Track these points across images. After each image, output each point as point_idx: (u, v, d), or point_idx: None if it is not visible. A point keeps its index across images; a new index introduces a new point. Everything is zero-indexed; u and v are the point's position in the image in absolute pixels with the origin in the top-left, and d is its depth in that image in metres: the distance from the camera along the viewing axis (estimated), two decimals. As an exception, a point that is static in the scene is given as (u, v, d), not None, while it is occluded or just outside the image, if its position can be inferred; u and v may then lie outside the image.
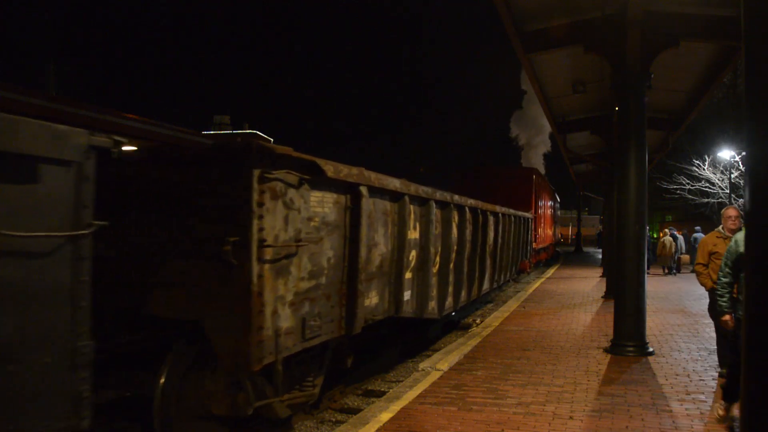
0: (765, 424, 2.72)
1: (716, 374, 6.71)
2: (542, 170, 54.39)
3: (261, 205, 4.07)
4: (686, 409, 5.43)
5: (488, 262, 11.48)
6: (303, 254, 4.56)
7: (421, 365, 7.11)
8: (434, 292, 7.90)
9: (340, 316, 5.22)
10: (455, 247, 8.74)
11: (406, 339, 9.41)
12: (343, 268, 5.25)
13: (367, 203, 5.48)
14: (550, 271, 23.23)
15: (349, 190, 5.32)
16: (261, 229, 4.06)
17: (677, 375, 6.67)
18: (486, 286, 11.52)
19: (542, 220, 25.80)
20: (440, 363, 7.10)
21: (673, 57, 8.98)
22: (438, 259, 7.98)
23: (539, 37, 9.06)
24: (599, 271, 21.25)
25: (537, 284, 17.34)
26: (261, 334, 4.08)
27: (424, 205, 7.25)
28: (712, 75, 10.97)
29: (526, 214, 18.08)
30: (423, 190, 7.17)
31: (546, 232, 27.96)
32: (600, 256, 27.58)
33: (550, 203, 31.04)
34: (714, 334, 9.14)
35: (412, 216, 6.85)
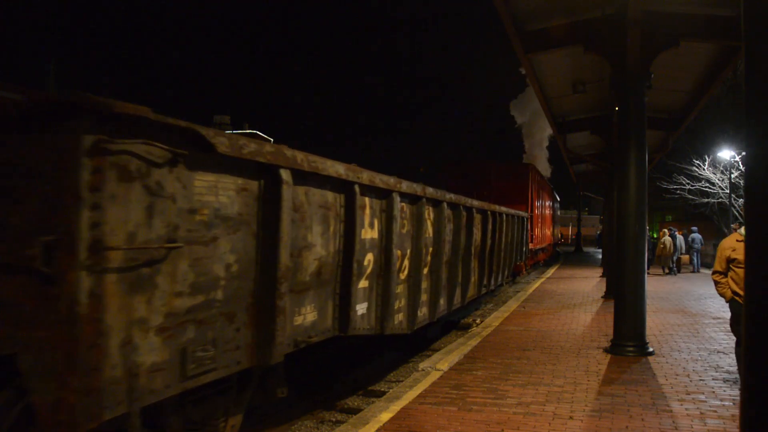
0: (765, 424, 2.72)
1: (716, 374, 6.71)
2: (545, 165, 54.35)
3: (97, 189, 2.89)
4: (686, 409, 5.43)
5: (474, 265, 10.41)
6: (180, 260, 3.35)
7: (421, 365, 7.11)
8: (402, 303, 6.82)
9: (250, 342, 4.03)
10: (431, 249, 7.66)
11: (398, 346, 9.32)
12: (255, 278, 4.03)
13: (292, 192, 4.28)
14: (550, 271, 23.22)
15: (263, 174, 4.09)
16: (96, 225, 2.89)
17: (677, 375, 6.67)
18: (472, 292, 10.38)
19: (540, 220, 24.25)
20: (440, 363, 7.10)
21: (673, 57, 8.99)
22: (407, 263, 6.89)
23: (539, 37, 9.06)
24: (599, 271, 21.26)
25: (537, 284, 17.34)
26: (97, 377, 2.88)
27: (385, 198, 6.12)
28: (712, 75, 10.97)
29: (522, 213, 16.69)
30: (382, 180, 5.92)
31: (544, 232, 26.46)
32: (600, 256, 27.60)
33: (548, 202, 29.66)
34: (714, 334, 9.16)
35: (368, 211, 5.71)
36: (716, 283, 5.94)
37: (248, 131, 63.12)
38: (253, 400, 4.47)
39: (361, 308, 5.72)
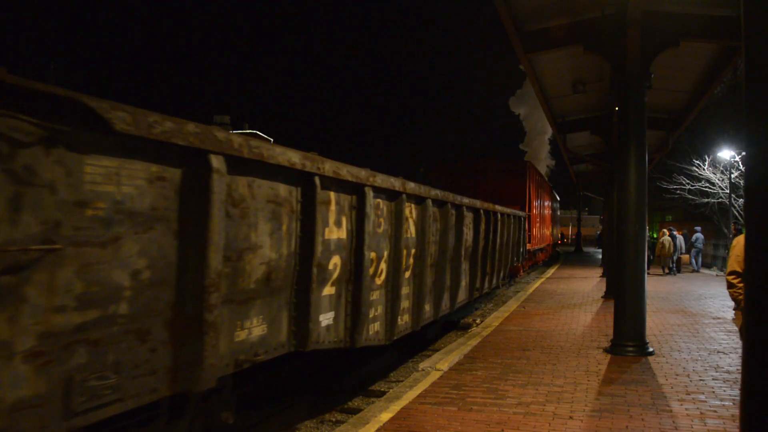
0: (765, 424, 2.72)
1: (716, 374, 6.71)
2: (546, 156, 54.23)
3: None
4: (686, 409, 5.43)
5: (466, 267, 9.78)
6: (61, 265, 2.70)
7: (421, 365, 7.11)
8: (378, 311, 6.14)
9: (171, 364, 3.33)
10: (413, 251, 6.98)
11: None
12: (177, 287, 3.33)
13: (226, 183, 3.60)
14: (550, 271, 23.22)
15: (188, 160, 3.37)
16: None
17: (677, 375, 6.67)
18: (463, 296, 9.74)
19: (538, 219, 23.52)
20: (440, 363, 7.10)
21: (673, 57, 8.99)
22: (384, 266, 6.21)
23: (539, 37, 9.06)
24: (599, 271, 21.26)
25: (537, 284, 17.34)
26: None
27: (355, 194, 5.43)
28: (712, 75, 10.97)
29: (519, 212, 15.93)
30: (350, 172, 5.14)
31: (543, 232, 25.71)
32: (600, 256, 27.59)
33: (547, 201, 28.94)
34: (714, 334, 9.16)
35: (334, 207, 5.04)
36: (731, 285, 4.96)
37: (248, 131, 63.15)
38: (193, 428, 3.87)
39: (325, 318, 4.99)
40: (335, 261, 5.12)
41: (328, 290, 5.08)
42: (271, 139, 50.92)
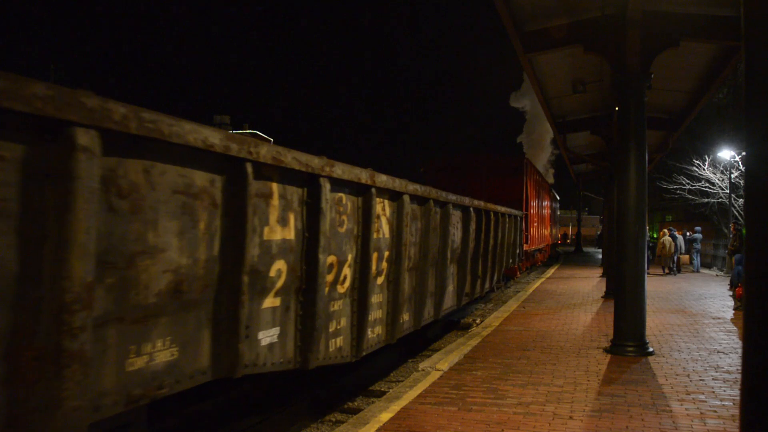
0: (765, 424, 2.72)
1: (716, 374, 6.71)
2: (548, 149, 53.99)
3: None
4: (686, 409, 5.43)
5: (453, 271, 8.95)
6: None
7: (421, 365, 7.11)
8: (341, 324, 5.28)
9: (21, 410, 2.51)
10: (387, 254, 6.13)
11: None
12: (22, 305, 2.51)
13: (102, 167, 2.76)
14: (550, 271, 23.22)
15: (40, 134, 2.54)
16: None
17: (677, 375, 6.67)
18: (450, 303, 8.89)
19: (536, 219, 22.57)
20: (440, 363, 7.10)
21: (673, 57, 8.99)
22: (348, 271, 5.33)
23: (539, 37, 9.06)
24: (599, 271, 21.27)
25: (537, 284, 17.34)
26: None
27: (307, 186, 4.54)
28: (712, 75, 10.98)
29: (515, 211, 14.97)
30: (297, 159, 4.22)
31: (541, 232, 24.69)
32: (600, 256, 27.60)
33: (546, 199, 27.97)
34: (714, 334, 9.16)
35: (276, 202, 4.17)
36: None
37: (248, 131, 63.17)
38: None
39: (267, 336, 4.15)
40: (279, 267, 4.19)
41: (271, 302, 4.16)
42: (271, 139, 50.94)
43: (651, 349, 7.80)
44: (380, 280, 6.09)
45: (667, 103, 13.51)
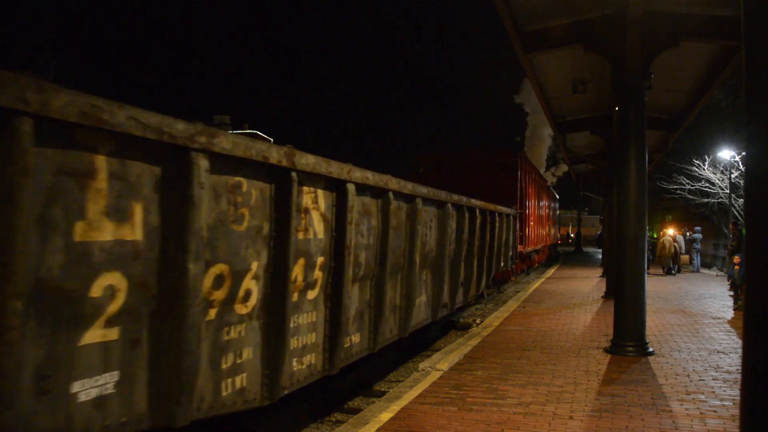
0: (765, 424, 2.72)
1: (716, 374, 6.71)
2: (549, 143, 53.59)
3: None
4: (686, 409, 5.43)
5: (426, 278, 7.62)
6: None
7: (421, 365, 7.11)
8: (245, 355, 3.90)
9: None
10: (321, 260, 4.72)
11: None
12: None
13: None
14: (550, 271, 23.23)
15: None
16: None
17: (677, 375, 6.67)
18: (422, 316, 7.49)
19: (533, 218, 21.29)
20: (440, 363, 7.10)
21: (673, 57, 8.99)
22: (253, 285, 3.91)
23: (539, 37, 9.06)
24: (599, 271, 21.27)
25: (537, 284, 17.35)
26: None
27: (167, 165, 3.16)
28: (712, 75, 10.98)
29: (507, 210, 13.72)
30: (144, 122, 2.90)
31: (538, 232, 23.46)
32: (600, 256, 27.60)
33: (544, 197, 26.72)
34: (714, 334, 9.16)
35: (104, 185, 2.83)
36: None
37: (248, 131, 63.22)
38: None
39: (90, 387, 2.82)
40: (110, 282, 2.86)
41: (99, 335, 2.86)
42: (271, 139, 50.98)
43: (651, 349, 7.80)
44: (312, 293, 4.64)
45: (667, 103, 13.51)
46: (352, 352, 5.48)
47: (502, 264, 13.27)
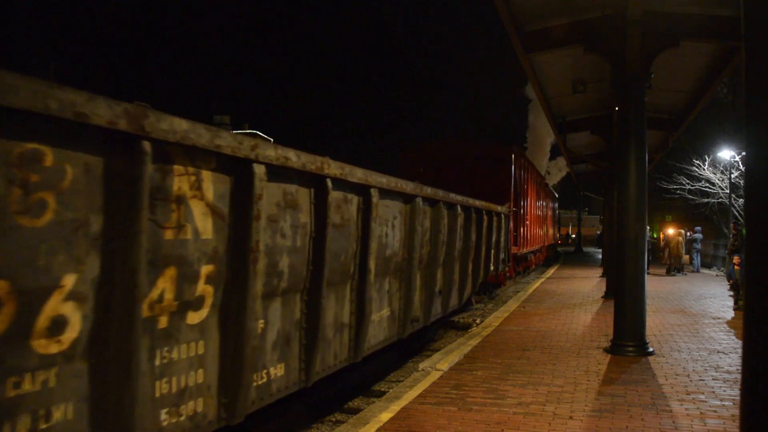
0: (765, 424, 2.72)
1: (716, 374, 6.71)
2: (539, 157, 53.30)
3: None
4: (686, 409, 5.43)
5: (392, 287, 6.47)
6: None
7: (421, 365, 7.11)
8: (56, 415, 2.56)
9: None
10: (209, 269, 3.47)
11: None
12: None
13: None
14: (550, 271, 23.23)
15: None
16: None
17: (677, 375, 6.67)
18: (383, 335, 6.24)
19: (529, 217, 19.99)
20: (440, 363, 7.10)
21: (673, 57, 8.99)
22: (68, 310, 2.60)
23: (539, 37, 9.07)
24: (599, 271, 21.27)
25: (537, 284, 17.35)
26: None
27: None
28: (712, 75, 10.98)
29: (498, 208, 12.23)
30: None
31: (535, 232, 22.33)
32: (600, 256, 27.61)
33: (542, 196, 25.44)
34: (714, 334, 9.16)
35: None
36: None
37: (248, 131, 63.22)
38: None
39: None
40: None
41: None
42: (271, 139, 50.99)
43: (651, 349, 7.81)
44: (196, 316, 3.35)
45: (667, 103, 13.52)
46: (272, 390, 4.17)
47: (492, 268, 12.11)
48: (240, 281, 3.63)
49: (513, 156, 16.47)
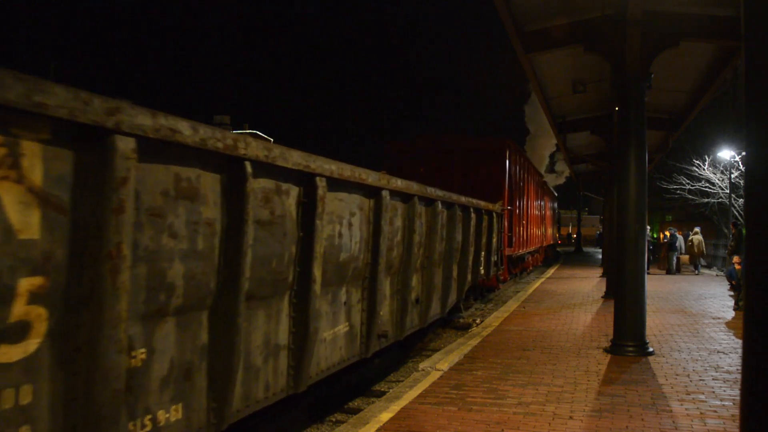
0: (765, 424, 2.72)
1: (716, 374, 6.71)
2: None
3: None
4: (686, 409, 5.43)
5: (352, 298, 5.42)
6: None
7: (421, 365, 7.11)
8: None
9: None
10: (37, 282, 2.40)
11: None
12: None
13: None
14: (550, 271, 23.23)
15: None
16: None
17: (677, 375, 6.67)
18: (336, 357, 5.12)
19: (525, 216, 18.94)
20: (440, 363, 7.10)
21: (673, 57, 8.99)
22: None
23: (539, 37, 9.07)
24: (599, 271, 21.27)
25: (537, 284, 17.34)
26: None
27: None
28: (712, 75, 10.98)
29: (489, 206, 11.19)
30: None
31: (532, 232, 21.12)
32: (600, 256, 27.61)
33: (540, 194, 24.39)
34: (714, 334, 9.16)
35: None
36: None
37: (248, 131, 63.24)
38: None
39: None
40: None
41: None
42: (271, 139, 50.99)
43: (651, 349, 7.80)
44: (15, 350, 2.34)
45: (667, 103, 13.52)
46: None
47: (483, 271, 11.15)
48: (95, 299, 2.62)
49: (508, 150, 15.37)
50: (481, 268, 11.00)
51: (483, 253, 10.95)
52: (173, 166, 3.05)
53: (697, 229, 22.01)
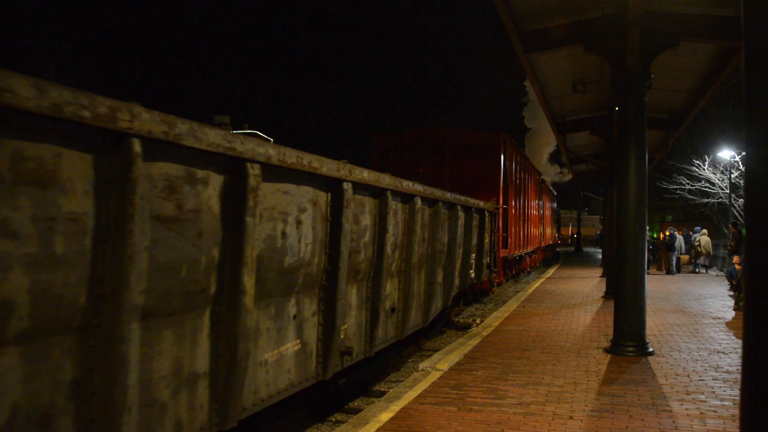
0: (765, 424, 2.71)
1: (716, 374, 6.71)
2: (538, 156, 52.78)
3: None
4: (686, 409, 5.43)
5: (299, 313, 4.55)
6: None
7: (421, 365, 7.11)
8: None
9: None
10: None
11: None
12: None
13: None
14: (550, 271, 23.23)
15: None
16: None
17: (677, 375, 6.67)
18: (282, 383, 4.36)
19: (522, 215, 18.04)
20: (440, 363, 7.10)
21: (673, 57, 9.00)
22: None
23: (539, 37, 9.07)
24: (599, 271, 21.27)
25: (537, 284, 17.34)
26: None
27: None
28: (712, 75, 10.98)
29: (481, 204, 10.46)
30: None
31: (530, 233, 20.29)
32: (600, 256, 27.61)
33: (538, 192, 23.50)
34: (714, 334, 9.16)
35: None
36: None
37: (248, 131, 63.27)
38: None
39: None
40: None
41: None
42: (271, 139, 51.02)
43: (651, 349, 7.81)
44: None
45: (667, 103, 13.53)
46: None
47: (473, 275, 10.35)
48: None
49: (503, 145, 14.41)
50: (471, 271, 10.17)
51: (473, 254, 10.15)
52: (8, 140, 2.27)
53: (704, 231, 21.98)
